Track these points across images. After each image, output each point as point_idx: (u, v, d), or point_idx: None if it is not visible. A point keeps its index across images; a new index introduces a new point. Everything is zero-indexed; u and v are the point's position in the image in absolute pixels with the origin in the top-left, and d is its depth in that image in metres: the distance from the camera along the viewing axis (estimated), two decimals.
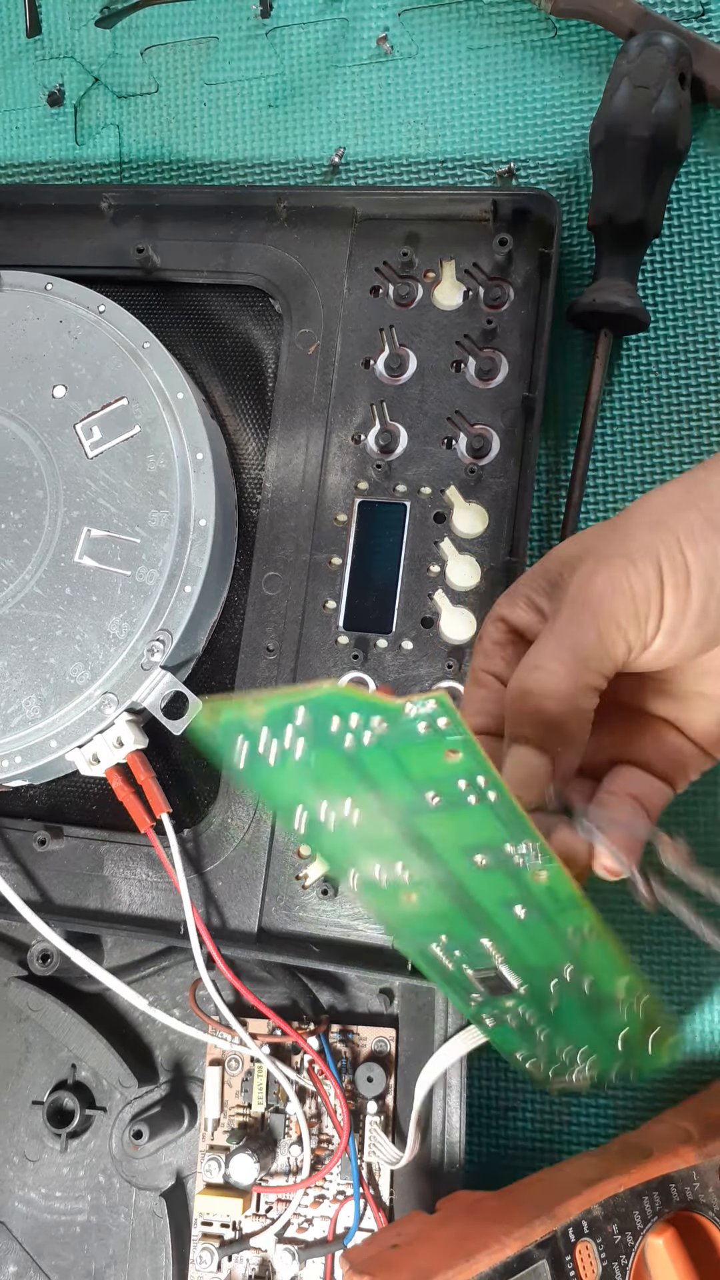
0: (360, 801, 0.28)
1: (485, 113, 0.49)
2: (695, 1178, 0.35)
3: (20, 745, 0.42)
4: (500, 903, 0.30)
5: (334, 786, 0.28)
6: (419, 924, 0.31)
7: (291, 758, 0.27)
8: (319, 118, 0.51)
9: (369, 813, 0.28)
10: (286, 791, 0.28)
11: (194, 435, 0.43)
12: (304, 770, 0.27)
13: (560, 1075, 0.36)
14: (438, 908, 0.30)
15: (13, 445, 0.44)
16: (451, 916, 0.30)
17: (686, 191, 0.47)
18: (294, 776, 0.28)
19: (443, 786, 0.27)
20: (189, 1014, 0.42)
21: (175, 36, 0.53)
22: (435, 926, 0.31)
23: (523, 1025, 0.34)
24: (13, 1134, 0.44)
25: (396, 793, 0.28)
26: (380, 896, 0.30)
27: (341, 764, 0.27)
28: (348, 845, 0.29)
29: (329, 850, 0.30)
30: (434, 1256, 0.32)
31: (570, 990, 0.32)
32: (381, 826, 0.28)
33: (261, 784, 0.28)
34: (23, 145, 0.55)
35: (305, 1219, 0.40)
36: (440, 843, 0.29)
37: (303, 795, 0.28)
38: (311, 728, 0.27)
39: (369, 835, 0.29)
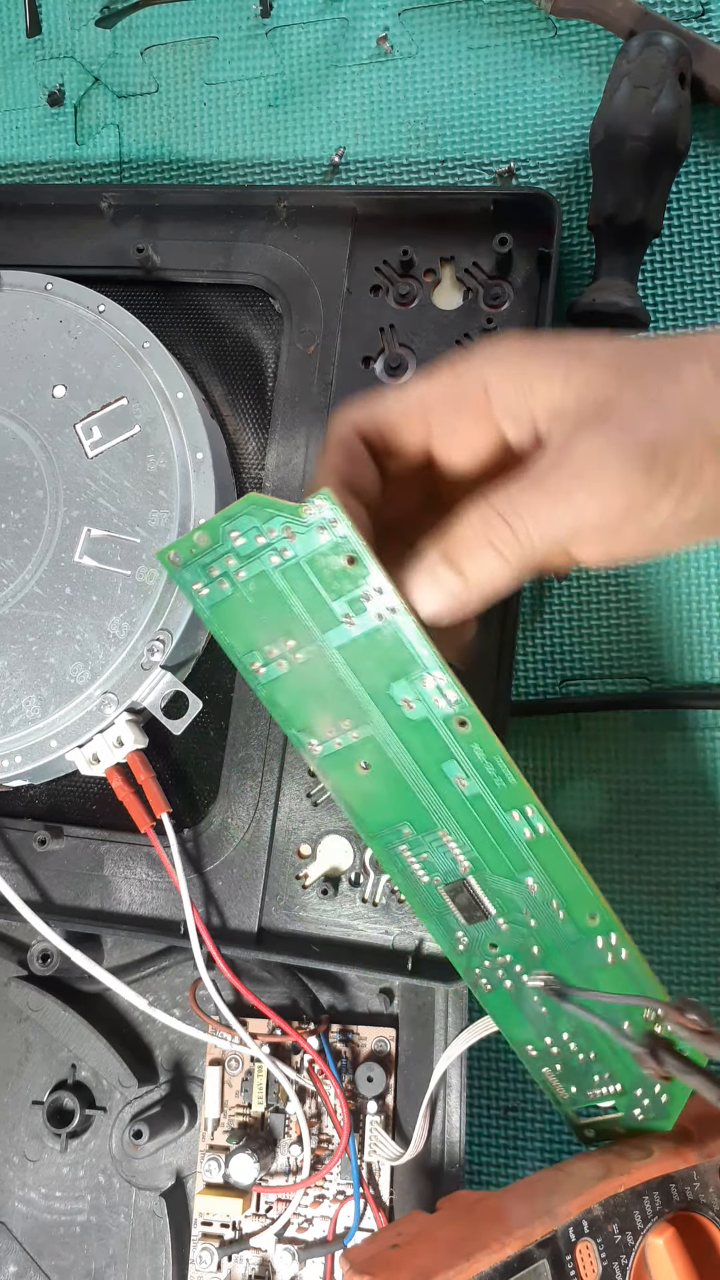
0: (297, 636, 0.32)
1: (485, 113, 0.49)
2: (695, 1177, 0.35)
3: (20, 745, 0.42)
4: (439, 767, 0.33)
5: (275, 615, 0.32)
6: (380, 808, 0.34)
7: (235, 581, 0.32)
8: (319, 117, 0.51)
9: (306, 650, 0.32)
10: (241, 631, 0.33)
11: (194, 435, 0.43)
12: (249, 605, 0.32)
13: (585, 1102, 0.36)
14: (389, 779, 0.33)
15: (13, 445, 0.44)
16: (403, 793, 0.33)
17: (686, 191, 0.47)
18: (243, 611, 0.32)
19: (353, 604, 0.32)
20: (189, 1014, 0.42)
21: (175, 36, 0.53)
22: (394, 811, 0.34)
23: (520, 990, 0.35)
24: (13, 1134, 0.44)
25: (321, 618, 0.32)
26: (339, 768, 0.33)
27: (274, 592, 0.32)
28: (300, 694, 0.33)
29: (288, 708, 0.33)
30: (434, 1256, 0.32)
31: (548, 929, 0.34)
32: (318, 667, 0.32)
33: (222, 624, 0.33)
34: (23, 145, 0.55)
35: (305, 1219, 0.40)
36: (368, 680, 0.32)
37: (254, 637, 0.33)
38: (244, 548, 0.32)
39: (312, 678, 0.32)
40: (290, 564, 0.32)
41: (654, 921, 0.44)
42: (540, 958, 0.34)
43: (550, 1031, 0.35)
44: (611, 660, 0.46)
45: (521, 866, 0.34)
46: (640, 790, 0.45)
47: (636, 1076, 0.35)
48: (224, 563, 0.32)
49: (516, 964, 0.35)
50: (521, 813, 0.33)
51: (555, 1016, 0.35)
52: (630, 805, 0.45)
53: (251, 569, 0.32)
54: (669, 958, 0.44)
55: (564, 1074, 0.36)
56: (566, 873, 0.33)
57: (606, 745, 0.45)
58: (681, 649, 0.45)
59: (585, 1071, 0.36)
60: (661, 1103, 0.36)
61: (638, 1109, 0.36)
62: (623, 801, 0.45)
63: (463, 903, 0.34)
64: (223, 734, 0.43)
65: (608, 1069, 0.35)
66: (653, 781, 0.45)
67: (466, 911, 0.34)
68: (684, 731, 0.45)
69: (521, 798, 0.33)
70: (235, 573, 0.32)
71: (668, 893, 0.44)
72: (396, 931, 0.40)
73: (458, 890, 0.34)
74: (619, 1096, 0.36)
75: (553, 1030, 0.35)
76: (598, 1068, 0.35)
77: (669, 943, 0.44)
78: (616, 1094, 0.36)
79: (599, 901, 0.34)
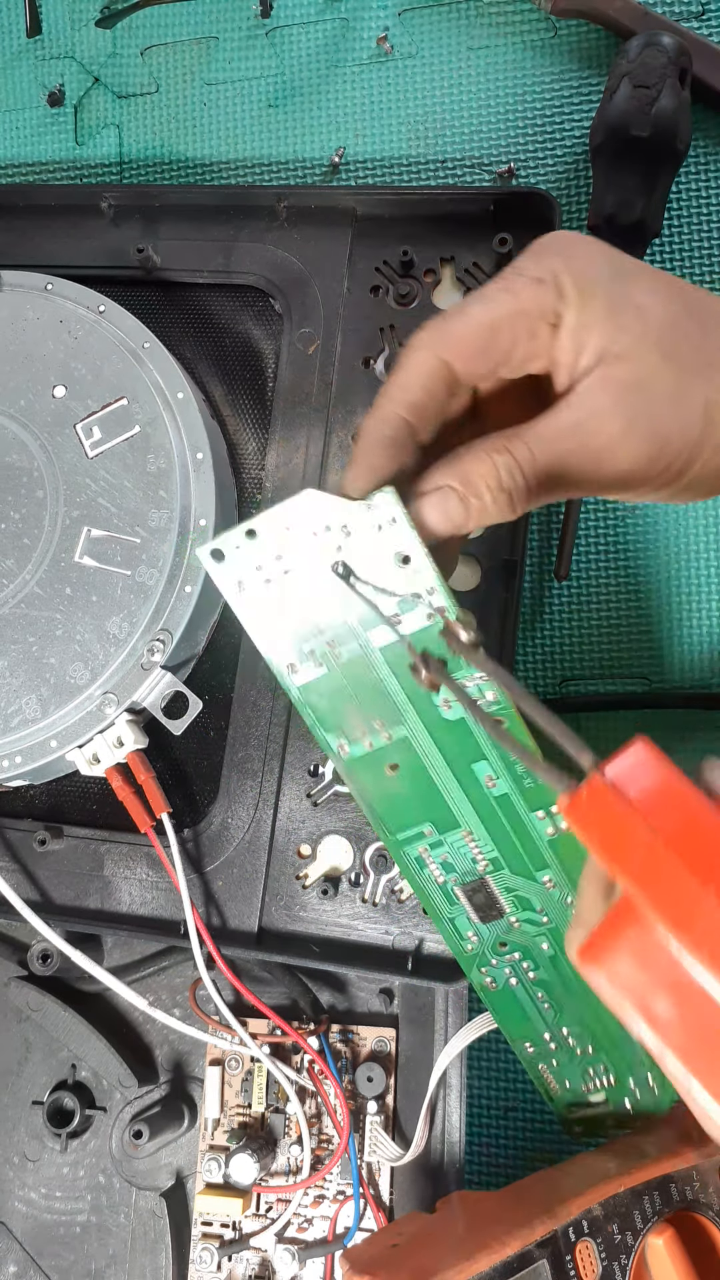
0: (337, 634, 0.32)
1: (485, 113, 0.49)
2: (695, 1177, 0.35)
3: (20, 745, 0.42)
4: (469, 767, 0.33)
5: (319, 615, 0.32)
6: (405, 808, 0.34)
7: (280, 577, 0.31)
8: (319, 118, 0.51)
9: (347, 649, 0.32)
10: (279, 625, 0.32)
11: (194, 435, 0.43)
12: (289, 599, 0.32)
13: (578, 1095, 0.36)
14: (416, 778, 0.33)
15: (13, 445, 0.44)
16: (430, 794, 0.33)
17: (686, 191, 0.47)
18: (284, 604, 0.32)
19: (402, 604, 0.31)
20: (189, 1014, 0.42)
21: (175, 36, 0.53)
22: (418, 812, 0.33)
23: (525, 987, 0.35)
24: (13, 1134, 0.44)
25: (367, 618, 0.31)
26: (367, 770, 0.33)
27: (320, 584, 0.31)
28: (335, 696, 0.32)
29: (322, 709, 0.33)
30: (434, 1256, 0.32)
31: (561, 925, 0.34)
32: (360, 670, 0.32)
33: (262, 624, 0.32)
34: (23, 145, 0.55)
35: (305, 1219, 0.40)
36: (409, 681, 0.32)
37: (291, 631, 0.32)
38: (293, 543, 0.31)
39: (349, 676, 0.32)
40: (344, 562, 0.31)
41: None
42: (550, 953, 0.35)
43: (551, 1027, 0.36)
44: (611, 660, 0.46)
45: (540, 864, 0.34)
46: None
47: (631, 1066, 0.36)
48: (270, 560, 0.31)
49: (525, 960, 0.35)
50: (546, 810, 0.34)
51: (559, 1011, 0.36)
52: None
53: (301, 567, 0.31)
54: None
55: (560, 1069, 0.37)
56: (580, 867, 0.34)
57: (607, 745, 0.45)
58: (681, 649, 0.45)
59: (581, 1065, 0.36)
60: (653, 1093, 0.37)
61: (629, 1100, 0.37)
62: None
63: (479, 902, 0.34)
64: (223, 734, 0.43)
65: (603, 1061, 0.36)
66: None
67: (482, 910, 0.35)
68: (684, 731, 0.45)
69: (547, 796, 0.33)
70: (281, 569, 0.32)
71: None
72: (396, 931, 0.40)
73: (475, 890, 0.34)
74: (611, 1090, 0.37)
75: (553, 1025, 0.36)
76: (594, 1060, 0.36)
77: None
78: (609, 1087, 0.37)
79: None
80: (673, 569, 0.46)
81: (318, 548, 0.31)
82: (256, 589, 0.32)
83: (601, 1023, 0.36)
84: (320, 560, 0.31)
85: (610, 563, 0.46)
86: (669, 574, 0.46)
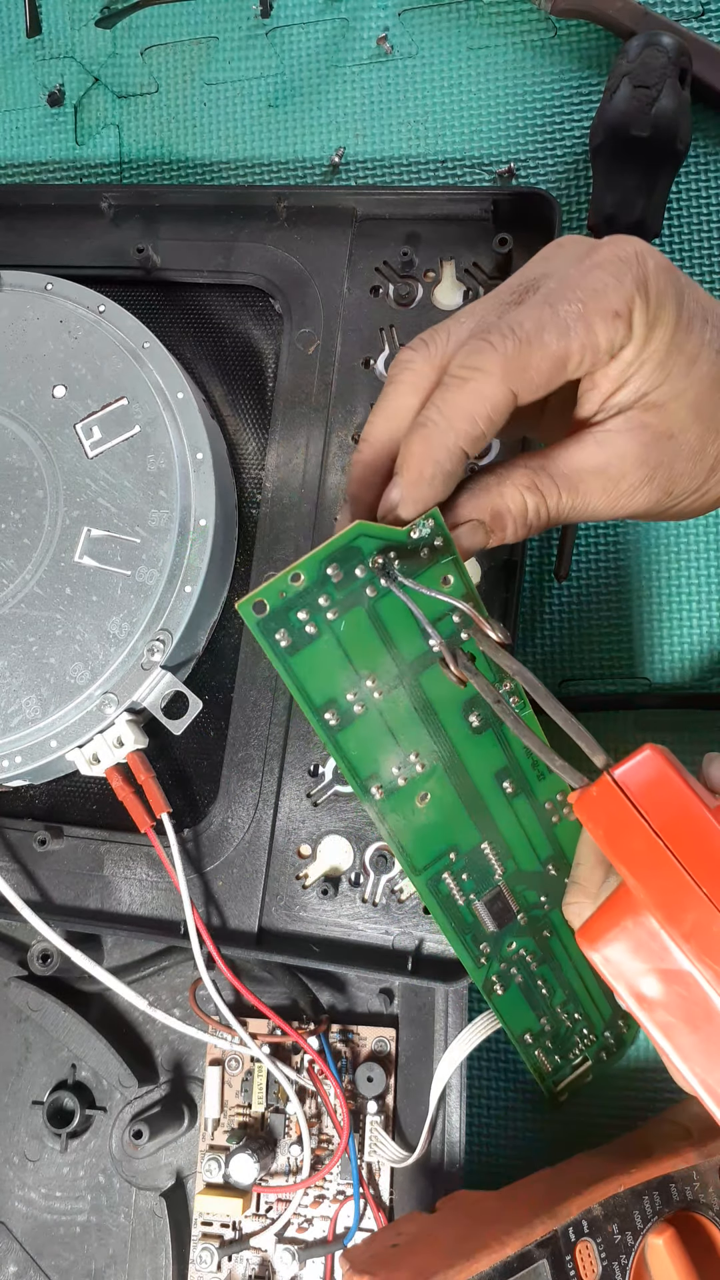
0: (381, 672, 0.32)
1: (485, 113, 0.49)
2: (695, 1177, 0.35)
3: (20, 745, 0.42)
4: (492, 776, 0.34)
5: (360, 653, 0.31)
6: (432, 838, 0.34)
7: (325, 623, 0.30)
8: (319, 118, 0.51)
9: (387, 683, 0.32)
10: (321, 675, 0.31)
11: (194, 435, 0.43)
12: (335, 643, 0.31)
13: (565, 1066, 0.38)
14: (445, 805, 0.34)
15: (13, 445, 0.44)
16: (456, 814, 0.34)
17: (686, 191, 0.47)
18: (328, 652, 0.31)
19: (441, 625, 0.32)
20: (189, 1014, 0.42)
21: (175, 36, 0.53)
22: (445, 837, 0.34)
23: (528, 980, 0.37)
24: (13, 1134, 0.44)
25: (408, 646, 0.32)
26: (399, 809, 0.33)
27: (365, 623, 0.31)
28: (371, 735, 0.32)
29: (354, 754, 0.32)
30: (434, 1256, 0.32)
31: (558, 906, 0.36)
32: (398, 700, 0.32)
33: (299, 671, 0.31)
34: (23, 145, 0.55)
35: (305, 1219, 0.40)
36: (442, 704, 0.33)
37: (334, 679, 0.31)
38: (341, 582, 0.30)
39: (389, 716, 0.32)
40: (387, 593, 0.31)
41: None
42: (550, 937, 0.37)
43: (548, 1010, 0.38)
44: (611, 660, 0.46)
45: (546, 853, 0.36)
46: None
47: (606, 1017, 0.39)
48: (316, 604, 0.30)
49: (529, 955, 0.37)
50: (554, 801, 0.36)
51: (553, 992, 0.38)
52: None
53: (345, 605, 0.30)
54: None
55: (552, 1047, 0.39)
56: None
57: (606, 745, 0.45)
58: (681, 649, 0.45)
59: (569, 1035, 0.39)
60: (621, 1034, 0.40)
61: (603, 1050, 0.40)
62: None
63: (497, 910, 0.36)
64: (223, 734, 0.43)
65: (586, 1023, 0.39)
66: None
67: (499, 917, 0.36)
68: (684, 732, 0.45)
69: (557, 785, 0.35)
70: (326, 613, 0.30)
71: None
72: (396, 931, 0.40)
73: (494, 899, 0.36)
74: (590, 1047, 0.39)
75: (550, 1007, 0.38)
76: (579, 1026, 0.39)
77: None
78: (589, 1045, 0.39)
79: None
80: (673, 569, 0.46)
81: (366, 583, 0.31)
82: (299, 639, 0.31)
83: (584, 983, 0.39)
84: (369, 594, 0.31)
85: (610, 563, 0.46)
86: (669, 574, 0.46)
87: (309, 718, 0.31)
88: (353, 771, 0.32)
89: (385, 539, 0.30)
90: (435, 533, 0.31)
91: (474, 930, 0.36)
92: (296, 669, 0.31)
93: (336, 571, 0.30)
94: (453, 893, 0.35)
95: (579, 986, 0.38)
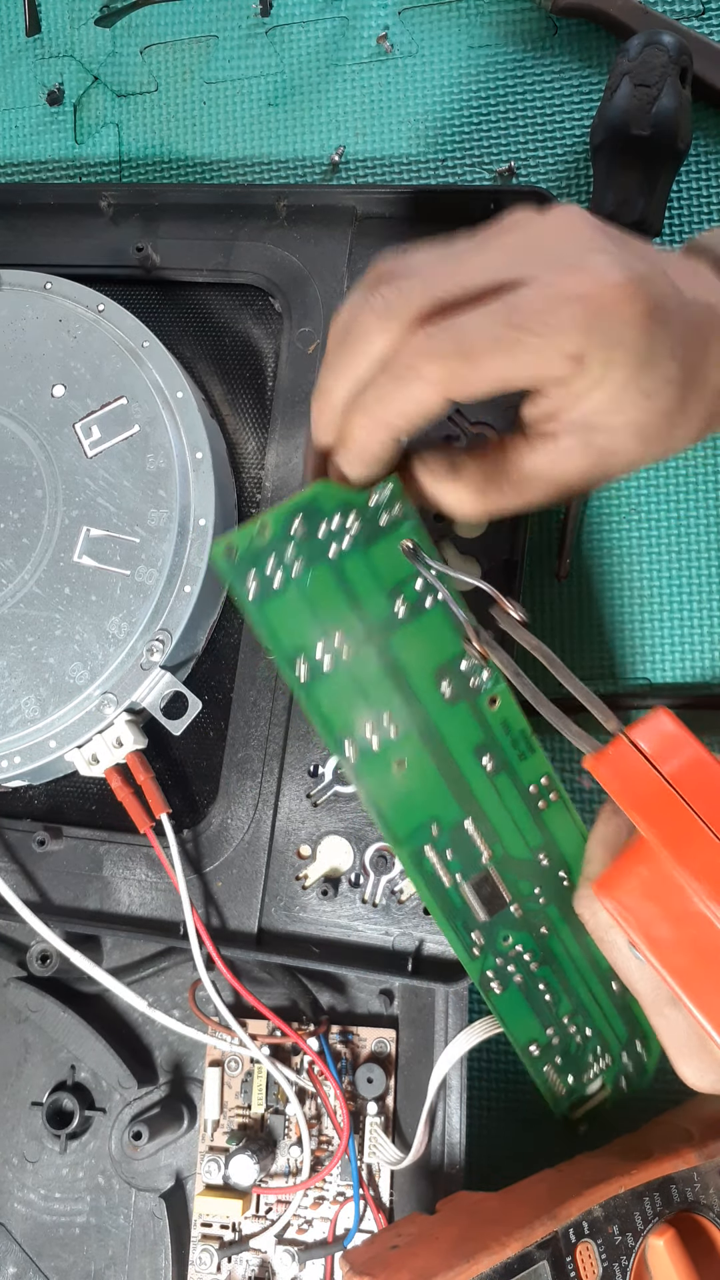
0: (348, 629, 0.33)
1: (485, 112, 0.49)
2: (696, 1178, 0.35)
3: (20, 745, 0.42)
4: (471, 751, 0.35)
5: (327, 610, 0.33)
6: (412, 807, 0.35)
7: (291, 576, 0.32)
8: (319, 116, 0.51)
9: (355, 641, 0.33)
10: (290, 626, 0.33)
11: (193, 434, 0.43)
12: (302, 595, 0.32)
13: (580, 1089, 0.37)
14: (423, 773, 0.34)
15: (12, 445, 0.44)
16: (435, 785, 0.34)
17: (686, 191, 0.47)
18: (295, 604, 0.32)
19: (406, 589, 0.33)
20: (189, 1015, 0.42)
21: (175, 35, 0.53)
22: (425, 807, 0.35)
23: (528, 981, 0.36)
24: (12, 1135, 0.44)
25: (373, 608, 0.33)
26: (375, 769, 0.34)
27: (330, 580, 0.33)
28: (342, 692, 0.33)
29: (327, 708, 0.33)
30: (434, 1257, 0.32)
31: (554, 900, 0.36)
32: (368, 660, 0.33)
33: (270, 619, 0.32)
34: (22, 144, 0.54)
35: (305, 1220, 0.40)
36: (413, 669, 0.34)
37: (303, 631, 0.33)
38: (305, 538, 0.32)
39: (358, 675, 0.33)
40: (349, 554, 0.33)
41: None
42: (548, 935, 0.36)
43: (554, 1019, 0.37)
44: (611, 660, 0.46)
45: (536, 841, 0.36)
46: None
47: (624, 1040, 0.38)
48: (283, 555, 0.32)
49: (526, 952, 0.36)
50: (539, 784, 0.36)
51: (558, 1000, 0.37)
52: None
53: (310, 560, 0.32)
54: None
55: (563, 1065, 0.37)
56: (572, 837, 0.36)
57: None
58: (682, 649, 0.45)
59: (581, 1054, 0.38)
60: (642, 1060, 0.39)
61: (623, 1076, 0.38)
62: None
63: (486, 894, 0.35)
64: (223, 734, 0.43)
65: (598, 1041, 0.38)
66: None
67: (489, 903, 0.36)
68: None
69: (541, 768, 0.36)
70: (291, 566, 0.32)
71: None
72: (396, 932, 0.40)
73: (481, 882, 0.35)
74: (608, 1071, 0.38)
75: (555, 1017, 0.37)
76: (591, 1044, 0.38)
77: None
78: (606, 1069, 0.38)
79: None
80: (673, 569, 0.46)
81: (328, 540, 0.32)
82: (266, 588, 0.32)
83: (595, 998, 0.37)
84: (331, 553, 0.33)
85: (610, 563, 0.46)
86: (669, 574, 0.46)
87: (280, 668, 0.33)
88: (326, 726, 0.34)
89: (345, 500, 0.32)
90: (394, 498, 0.33)
91: (464, 916, 0.35)
92: (267, 616, 0.33)
93: (300, 527, 0.32)
94: (438, 871, 0.35)
95: (587, 998, 0.37)
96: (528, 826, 0.36)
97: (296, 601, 0.32)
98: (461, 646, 0.34)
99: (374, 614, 0.33)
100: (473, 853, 0.35)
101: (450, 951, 0.39)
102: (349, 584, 0.33)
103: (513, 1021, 0.37)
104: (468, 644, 0.34)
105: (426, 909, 0.39)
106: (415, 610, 0.34)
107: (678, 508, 0.46)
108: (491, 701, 0.35)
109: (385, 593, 0.33)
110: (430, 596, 0.34)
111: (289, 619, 0.33)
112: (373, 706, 0.34)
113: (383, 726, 0.34)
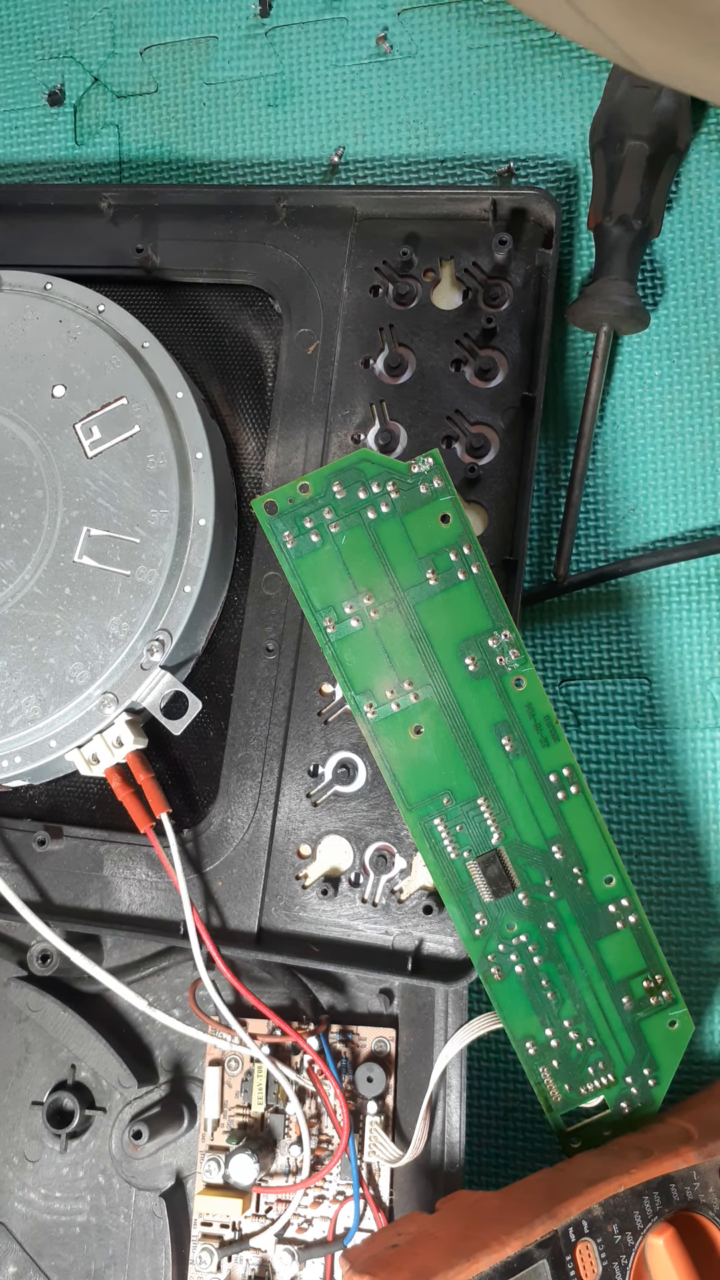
0: (379, 592, 0.35)
1: (485, 113, 0.49)
2: (695, 1178, 0.35)
3: (20, 745, 0.42)
4: (490, 728, 0.35)
5: (360, 571, 0.35)
6: (425, 776, 0.35)
7: (329, 534, 0.35)
8: (318, 117, 0.51)
9: (384, 605, 0.35)
10: (323, 581, 0.35)
11: (193, 435, 0.43)
12: (337, 554, 0.35)
13: (576, 1101, 0.37)
14: (440, 744, 0.35)
15: (12, 445, 0.44)
16: (451, 757, 0.35)
17: (686, 191, 0.47)
18: (329, 561, 0.35)
19: (439, 560, 0.35)
20: (189, 1014, 0.42)
21: (174, 36, 0.53)
22: (439, 778, 0.35)
23: (530, 974, 0.36)
24: (12, 1134, 0.44)
25: (405, 574, 0.35)
26: (392, 733, 0.35)
27: (365, 542, 0.35)
28: (368, 651, 0.35)
29: (350, 665, 0.35)
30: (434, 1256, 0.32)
31: (566, 897, 0.36)
32: (394, 623, 0.35)
33: (306, 573, 0.35)
34: (22, 145, 0.55)
35: (305, 1219, 0.40)
36: (439, 639, 0.35)
37: (334, 588, 0.35)
38: (344, 500, 0.34)
39: (385, 636, 0.35)
40: (386, 519, 0.34)
41: (654, 921, 0.44)
42: (556, 931, 0.36)
43: (553, 1020, 0.37)
44: (611, 660, 0.46)
45: (552, 832, 0.36)
46: (640, 790, 0.45)
47: (630, 1061, 0.37)
48: (321, 515, 0.34)
49: (531, 943, 0.36)
50: (560, 774, 0.36)
51: (560, 1001, 0.36)
52: (630, 805, 0.45)
53: (348, 522, 0.34)
54: (669, 957, 0.44)
55: (560, 1070, 0.37)
56: (591, 835, 0.36)
57: (604, 743, 0.45)
58: (682, 649, 0.45)
59: (581, 1063, 0.37)
60: (649, 1087, 0.37)
61: (625, 1101, 0.37)
62: (623, 801, 0.45)
63: (493, 875, 0.36)
64: (223, 734, 0.43)
65: (601, 1056, 0.37)
66: (653, 781, 0.45)
67: (495, 884, 0.36)
68: (684, 731, 0.45)
69: (563, 758, 0.35)
70: (329, 525, 0.34)
71: (667, 893, 0.44)
72: (396, 932, 0.40)
73: (489, 861, 0.36)
74: (609, 1089, 0.37)
75: (555, 1018, 0.37)
76: (594, 1056, 0.37)
77: (668, 943, 0.44)
78: (607, 1085, 0.37)
79: (618, 863, 0.36)
80: (673, 568, 0.46)
81: (365, 504, 0.34)
82: (304, 544, 0.35)
83: (602, 1010, 0.37)
84: (370, 516, 0.34)
85: (610, 563, 0.46)
86: (669, 573, 0.46)
87: (310, 621, 0.35)
88: (348, 682, 0.35)
89: (386, 467, 0.34)
90: (434, 471, 0.34)
91: (469, 893, 0.35)
92: (301, 571, 0.35)
93: (340, 489, 0.34)
94: (445, 842, 0.35)
95: (592, 1004, 0.37)
96: (544, 815, 0.36)
97: (331, 559, 0.34)
98: (489, 623, 0.35)
99: (405, 580, 0.35)
100: (483, 831, 0.35)
101: (451, 951, 0.39)
102: (383, 548, 0.35)
103: (509, 1012, 0.36)
104: None
105: (428, 910, 0.39)
106: (447, 580, 0.35)
107: (677, 510, 0.46)
108: (517, 683, 0.35)
109: (418, 561, 0.35)
110: (462, 569, 0.35)
111: (323, 575, 0.35)
112: (396, 670, 0.35)
113: (404, 690, 0.35)
